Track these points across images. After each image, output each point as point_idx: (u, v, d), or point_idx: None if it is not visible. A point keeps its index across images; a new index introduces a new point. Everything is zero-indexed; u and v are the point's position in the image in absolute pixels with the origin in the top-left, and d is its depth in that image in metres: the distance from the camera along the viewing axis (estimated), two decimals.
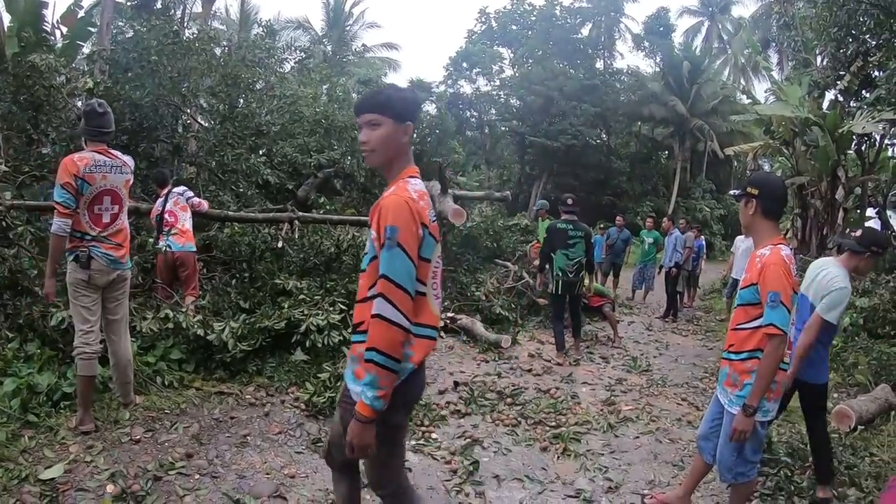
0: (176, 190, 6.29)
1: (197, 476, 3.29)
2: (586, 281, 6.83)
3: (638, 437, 4.53)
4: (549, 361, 6.50)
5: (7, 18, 10.22)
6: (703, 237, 24.27)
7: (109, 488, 3.06)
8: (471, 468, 3.70)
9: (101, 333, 3.77)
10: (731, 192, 3.06)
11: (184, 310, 5.13)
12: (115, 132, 7.45)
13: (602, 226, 14.52)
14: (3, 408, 3.59)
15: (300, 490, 3.27)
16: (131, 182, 3.82)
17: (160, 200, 6.19)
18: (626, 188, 28.80)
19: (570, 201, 6.67)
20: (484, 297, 7.95)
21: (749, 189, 2.79)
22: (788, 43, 13.00)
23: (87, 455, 3.35)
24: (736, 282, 9.63)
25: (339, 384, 4.41)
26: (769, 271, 2.61)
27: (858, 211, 13.82)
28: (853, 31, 10.55)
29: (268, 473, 3.39)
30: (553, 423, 4.61)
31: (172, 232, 5.95)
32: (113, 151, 3.68)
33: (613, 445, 4.34)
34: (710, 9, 37.00)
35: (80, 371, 3.60)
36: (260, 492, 3.17)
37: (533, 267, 9.29)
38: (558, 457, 4.04)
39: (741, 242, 9.56)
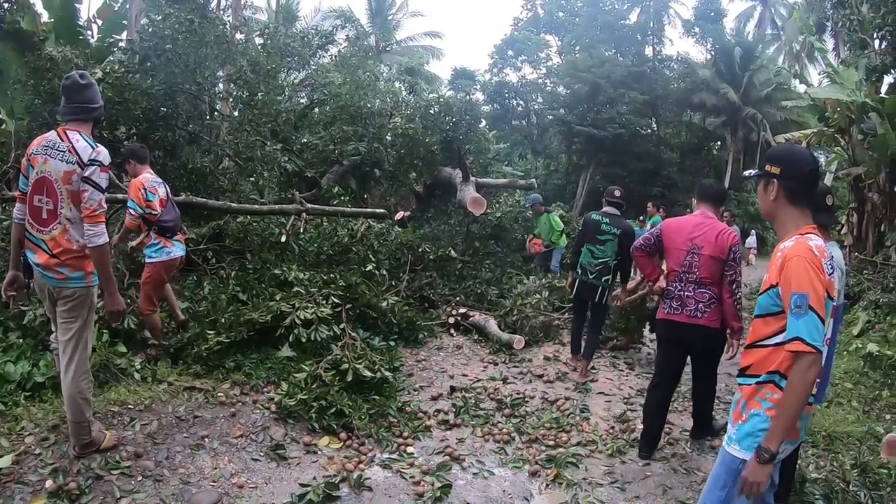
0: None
1: (140, 478, 3.09)
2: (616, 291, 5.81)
3: (649, 464, 3.90)
4: (567, 365, 5.99)
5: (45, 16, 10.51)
6: (753, 231, 22.65)
7: (48, 484, 2.94)
8: (439, 493, 3.27)
9: None
10: (747, 173, 2.32)
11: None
12: (131, 121, 7.58)
13: (641, 218, 13.69)
14: None
15: (243, 502, 3.01)
16: (78, 176, 2.84)
17: (159, 186, 4.68)
18: (675, 179, 27.63)
19: (616, 193, 5.80)
20: (509, 307, 7.08)
21: (768, 167, 2.12)
22: (843, 23, 11.81)
23: (38, 448, 3.21)
24: None
25: (314, 385, 4.14)
26: (791, 266, 1.96)
27: None
28: None
29: (214, 481, 3.15)
30: (552, 442, 4.09)
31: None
32: (71, 135, 2.87)
33: (617, 473, 3.74)
34: None
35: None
36: (199, 501, 2.94)
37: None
38: (547, 485, 3.52)
39: None
